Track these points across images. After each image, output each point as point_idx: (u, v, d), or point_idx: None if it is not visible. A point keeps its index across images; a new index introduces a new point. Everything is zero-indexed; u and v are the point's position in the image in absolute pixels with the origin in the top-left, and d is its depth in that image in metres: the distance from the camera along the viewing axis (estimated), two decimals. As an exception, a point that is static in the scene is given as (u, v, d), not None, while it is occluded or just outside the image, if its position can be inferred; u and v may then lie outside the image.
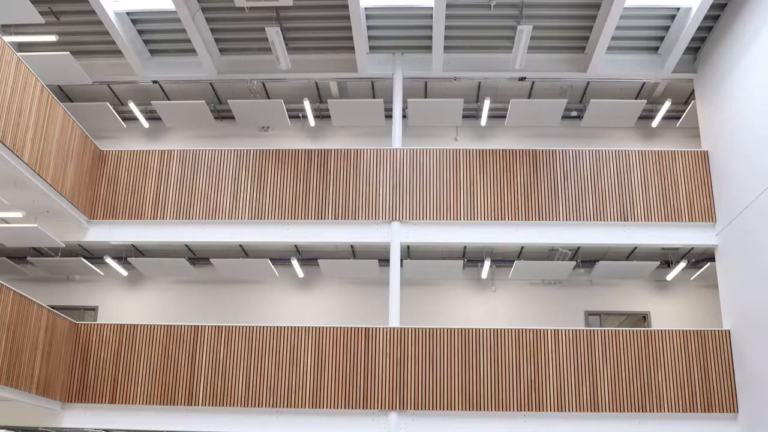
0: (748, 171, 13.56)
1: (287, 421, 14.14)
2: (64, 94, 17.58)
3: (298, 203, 15.21)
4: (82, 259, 17.12)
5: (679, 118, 17.64)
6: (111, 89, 17.51)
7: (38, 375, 13.29)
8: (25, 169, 12.75)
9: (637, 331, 14.66)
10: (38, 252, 17.42)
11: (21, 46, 15.83)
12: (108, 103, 17.02)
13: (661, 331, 14.48)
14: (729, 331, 14.23)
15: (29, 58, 14.28)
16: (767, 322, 12.77)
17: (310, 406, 13.99)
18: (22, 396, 12.93)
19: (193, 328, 14.68)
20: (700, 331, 14.39)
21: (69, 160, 14.32)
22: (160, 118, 18.08)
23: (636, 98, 17.32)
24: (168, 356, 14.49)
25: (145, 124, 18.15)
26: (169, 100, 17.66)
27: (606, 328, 14.56)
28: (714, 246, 14.91)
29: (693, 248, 16.05)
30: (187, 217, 15.25)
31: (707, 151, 15.34)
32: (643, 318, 18.08)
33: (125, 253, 17.33)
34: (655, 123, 17.61)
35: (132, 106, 17.34)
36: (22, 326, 12.72)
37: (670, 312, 17.82)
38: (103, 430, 15.75)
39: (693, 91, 16.45)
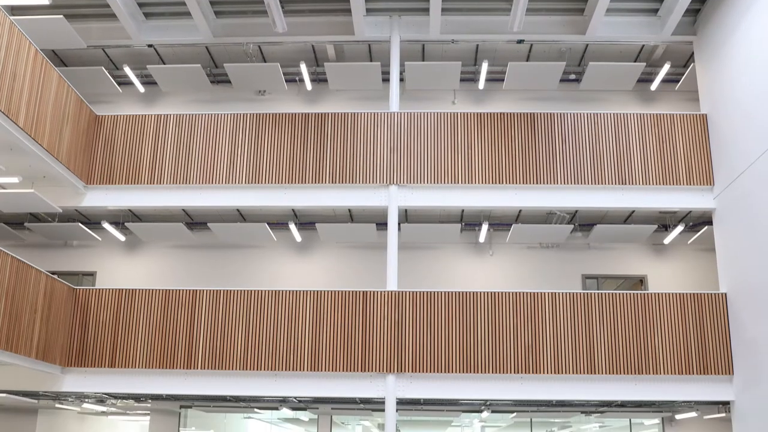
0: (747, 134, 13.52)
1: (285, 384, 14.22)
2: (59, 58, 17.45)
3: (296, 167, 15.16)
4: (80, 224, 17.09)
5: (678, 81, 17.56)
6: (106, 53, 17.38)
7: (37, 340, 13.33)
8: (20, 134, 12.68)
9: (633, 294, 14.71)
10: (35, 218, 17.40)
11: (14, 10, 15.68)
12: (103, 68, 16.90)
13: (658, 294, 14.52)
14: (725, 294, 14.28)
15: (22, 22, 14.16)
16: (764, 284, 12.81)
17: (308, 369, 14.06)
18: (22, 360, 12.98)
19: (191, 292, 14.70)
20: (697, 294, 14.44)
21: (65, 125, 14.24)
22: (155, 83, 17.96)
23: (635, 61, 17.22)
24: (166, 320, 14.53)
25: (141, 88, 18.04)
26: (164, 64, 17.54)
27: (603, 291, 14.59)
28: (711, 209, 14.91)
29: (690, 212, 16.05)
30: (184, 181, 15.21)
31: (706, 115, 15.28)
32: (640, 281, 18.13)
33: (122, 218, 17.31)
34: (653, 86, 17.53)
35: (127, 70, 17.21)
36: (20, 291, 12.73)
37: (667, 275, 17.87)
38: (103, 393, 15.85)
39: (692, 53, 16.36)
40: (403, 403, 15.23)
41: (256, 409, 19.24)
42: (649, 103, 17.99)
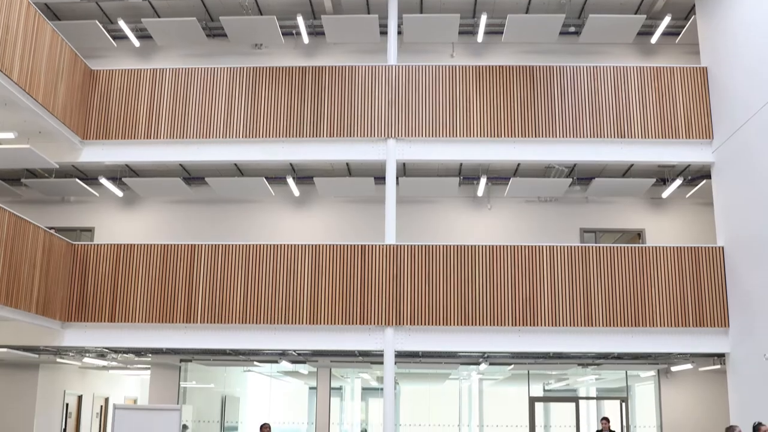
0: (748, 86, 13.44)
1: (285, 337, 14.32)
2: (51, 12, 17.25)
3: (293, 121, 15.09)
4: (77, 180, 17.04)
5: (678, 34, 17.39)
6: (99, 6, 17.18)
7: (37, 295, 13.37)
8: (15, 89, 12.60)
9: (631, 247, 14.75)
10: (32, 174, 17.34)
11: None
12: (97, 22, 16.73)
13: (656, 247, 14.57)
14: (722, 248, 14.33)
15: (15, -26, 13.96)
16: (761, 238, 12.85)
17: (307, 322, 14.14)
18: (22, 315, 13.04)
19: (190, 246, 14.73)
20: (694, 247, 14.49)
21: (59, 79, 14.13)
22: (150, 37, 17.76)
23: (635, 13, 17.05)
24: (166, 275, 14.57)
25: (136, 42, 17.86)
26: (159, 17, 17.35)
27: (600, 245, 14.64)
28: (710, 163, 14.90)
29: (689, 165, 16.01)
30: (181, 136, 15.16)
31: (706, 68, 15.18)
32: (638, 235, 18.15)
33: (120, 174, 17.25)
34: (654, 39, 17.37)
35: (121, 23, 17.03)
36: (18, 247, 12.74)
37: (665, 229, 17.88)
38: (103, 348, 15.96)
39: (693, 6, 16.19)
40: (402, 356, 15.34)
41: (255, 363, 19.39)
42: (649, 56, 17.85)
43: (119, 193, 17.82)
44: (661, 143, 14.89)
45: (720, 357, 15.14)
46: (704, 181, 16.32)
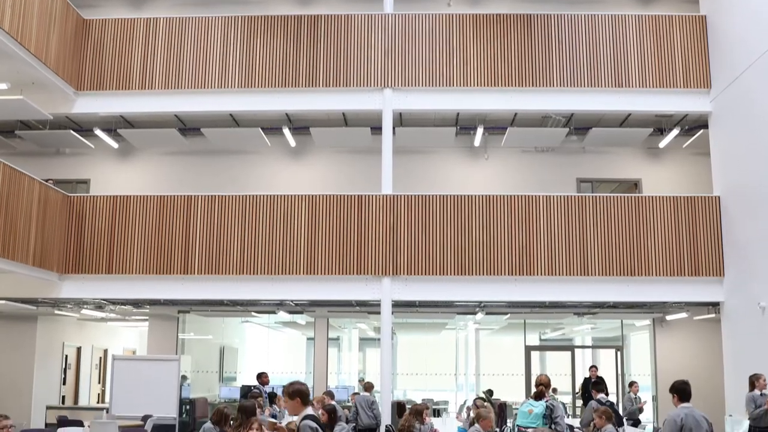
0: (747, 34, 13.33)
1: (282, 288, 14.37)
2: (44, -40, 16.99)
3: (289, 71, 14.97)
4: (71, 131, 16.94)
5: (676, -20, 17.21)
6: (92, -45, 16.94)
7: (34, 247, 13.37)
8: (6, 39, 12.46)
9: (627, 197, 14.76)
10: (26, 125, 17.21)
11: None
12: (89, -30, 16.52)
13: (652, 197, 14.58)
14: (719, 198, 14.33)
15: None
16: (757, 187, 12.85)
17: (304, 272, 14.18)
18: (19, 267, 13.05)
19: (186, 198, 14.70)
20: (690, 197, 14.49)
21: (52, 29, 13.97)
22: (143, -15, 17.54)
23: (633, -40, 16.84)
24: (162, 226, 14.56)
25: (129, -9, 17.65)
26: (152, -35, 17.12)
27: (597, 194, 14.64)
28: (708, 113, 14.84)
29: (686, 115, 15.94)
30: (176, 86, 15.04)
31: (705, 16, 15.04)
32: (635, 185, 18.16)
33: (115, 125, 17.13)
34: (652, -14, 17.20)
35: (114, -28, 16.81)
36: (14, 199, 12.70)
37: (662, 179, 17.87)
38: (100, 299, 16.02)
39: (692, -49, 16.00)
40: (399, 306, 15.41)
41: (253, 313, 19.52)
42: (647, 5, 17.67)
43: (114, 145, 17.74)
44: (659, 92, 14.81)
45: (714, 306, 15.23)
46: (701, 131, 16.27)
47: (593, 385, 13.23)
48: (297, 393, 6.49)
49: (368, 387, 14.22)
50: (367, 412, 13.85)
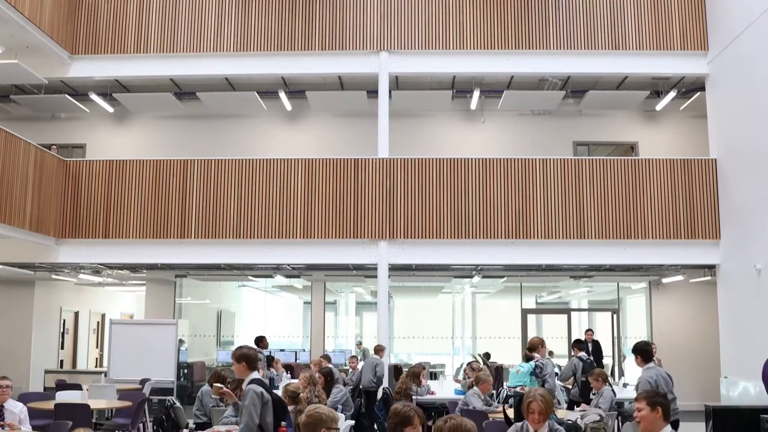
0: (744, -5, 13.25)
1: (279, 252, 14.39)
2: None
3: (284, 34, 14.88)
4: (66, 96, 16.87)
5: (674, -59, 17.04)
6: None
7: (30, 211, 13.36)
8: (0, 2, 12.34)
9: (624, 160, 14.75)
10: (21, 90, 17.12)
11: None
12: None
13: (649, 160, 14.57)
14: (715, 160, 14.32)
15: None
16: (754, 150, 12.85)
17: (301, 236, 14.19)
18: (16, 232, 13.05)
19: (182, 162, 14.67)
20: (687, 160, 14.48)
21: (45, -9, 13.86)
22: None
23: None
24: (159, 191, 14.54)
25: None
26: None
27: (593, 157, 14.63)
28: (705, 75, 14.78)
29: (684, 77, 15.88)
30: (171, 50, 14.95)
31: (702, -24, 14.94)
32: (631, 148, 18.15)
33: (110, 89, 17.05)
34: (650, -53, 17.02)
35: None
36: (10, 163, 12.67)
37: (658, 142, 17.87)
38: (98, 264, 16.05)
39: None
40: (395, 269, 15.45)
41: (250, 278, 19.57)
42: (644, -34, 17.53)
43: (110, 109, 17.67)
44: (656, 55, 14.75)
45: (710, 268, 15.30)
46: (698, 94, 16.24)
47: (574, 342, 13.26)
48: (243, 357, 6.59)
49: (378, 350, 14.26)
50: (369, 374, 13.95)
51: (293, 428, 7.19)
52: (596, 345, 16.14)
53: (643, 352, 8.31)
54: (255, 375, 6.63)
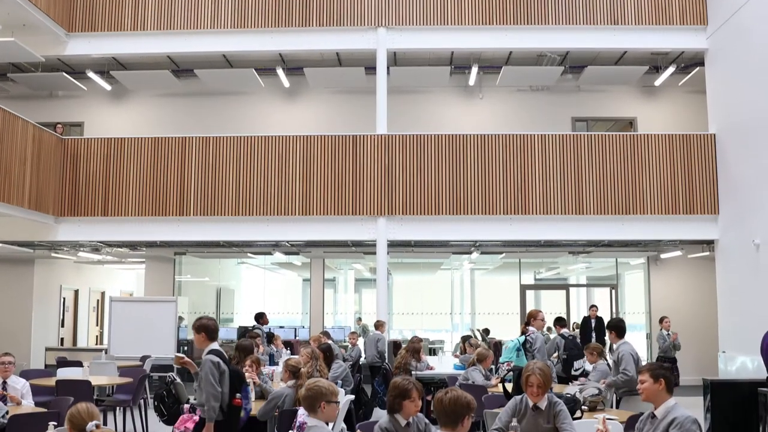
0: (743, -32, 13.18)
1: (278, 229, 14.41)
2: None
3: (282, 10, 14.80)
4: (64, 74, 16.81)
5: None
6: None
7: (29, 190, 13.36)
8: (-4, -21, 12.30)
9: (622, 135, 14.74)
10: (18, 68, 17.06)
11: None
12: None
13: (647, 135, 14.56)
14: (714, 135, 14.31)
15: None
16: (753, 125, 12.83)
17: (300, 213, 14.21)
18: (15, 210, 13.06)
19: (181, 139, 14.65)
20: (686, 135, 14.47)
21: (41, -32, 13.78)
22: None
23: None
24: (157, 168, 14.54)
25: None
26: None
27: (592, 133, 14.61)
28: (704, 50, 14.74)
29: (683, 52, 15.84)
30: (168, 27, 14.90)
31: (702, -50, 14.86)
32: (630, 123, 18.13)
33: (107, 67, 17.00)
34: None
35: None
36: (8, 142, 12.65)
37: (657, 117, 17.84)
38: (97, 242, 16.06)
39: None
40: (394, 246, 15.48)
41: (249, 255, 19.59)
42: (644, -60, 17.43)
43: (107, 87, 17.62)
44: (655, 30, 14.69)
45: (709, 244, 15.33)
46: (697, 69, 16.19)
47: (556, 320, 13.28)
48: (202, 328, 6.67)
49: (378, 325, 14.30)
50: (372, 350, 14.00)
51: (249, 401, 7.18)
52: (599, 321, 16.20)
53: (618, 328, 8.65)
54: (214, 346, 6.69)
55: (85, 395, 9.62)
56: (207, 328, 6.68)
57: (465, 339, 14.91)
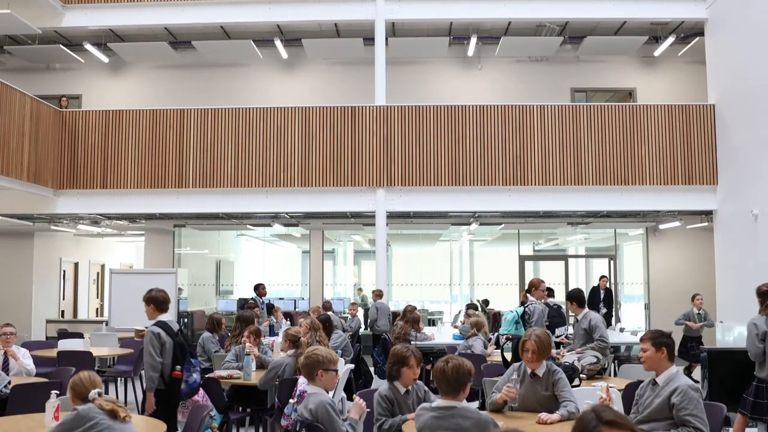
0: (743, -63, 13.09)
1: (277, 200, 14.41)
2: None
3: (279, -19, 14.72)
4: (61, 46, 16.74)
5: None
6: None
7: (28, 163, 13.35)
8: (-9, -51, 12.22)
9: (621, 106, 14.70)
10: (14, 40, 16.99)
11: None
12: None
13: (646, 106, 14.53)
14: (713, 106, 14.28)
15: None
16: (752, 95, 12.80)
17: (299, 185, 14.21)
18: (14, 183, 13.05)
19: (179, 111, 14.62)
20: (685, 105, 14.44)
21: (36, -62, 13.67)
22: None
23: None
24: (156, 140, 14.52)
25: None
26: None
27: (591, 104, 14.57)
28: (704, 20, 14.67)
29: (683, 22, 15.78)
30: (165, -3, 14.84)
31: None
32: (629, 94, 18.09)
33: (104, 39, 16.92)
34: None
35: None
36: (6, 114, 12.62)
37: (657, 88, 17.80)
38: (96, 214, 16.06)
39: None
40: (393, 217, 15.49)
41: (248, 226, 19.61)
42: None
43: (105, 59, 17.56)
44: (655, -1, 14.63)
45: (707, 214, 15.35)
46: (697, 39, 16.13)
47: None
48: (151, 300, 6.78)
49: (378, 294, 14.30)
50: (383, 318, 14.05)
51: (198, 374, 7.18)
52: (608, 293, 16.25)
53: (578, 298, 9.01)
54: (163, 317, 6.75)
55: (87, 366, 9.67)
56: (156, 300, 6.78)
57: (469, 306, 15.01)
